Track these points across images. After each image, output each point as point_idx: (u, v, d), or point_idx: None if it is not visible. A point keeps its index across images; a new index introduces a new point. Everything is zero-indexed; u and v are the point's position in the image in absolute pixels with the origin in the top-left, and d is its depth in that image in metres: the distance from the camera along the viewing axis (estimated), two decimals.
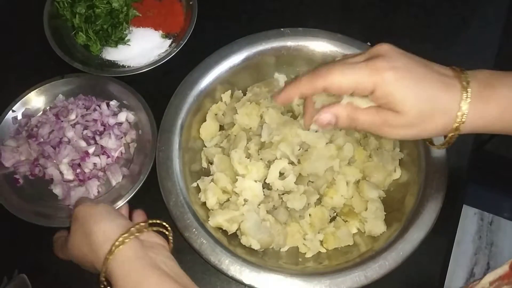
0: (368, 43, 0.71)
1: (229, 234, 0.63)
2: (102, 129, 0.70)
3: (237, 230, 0.63)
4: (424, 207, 0.61)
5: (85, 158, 0.67)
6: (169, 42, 0.80)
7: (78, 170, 0.67)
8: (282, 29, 0.72)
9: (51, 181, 0.68)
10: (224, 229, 0.63)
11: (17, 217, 0.64)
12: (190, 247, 0.59)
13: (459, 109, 0.43)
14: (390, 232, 0.62)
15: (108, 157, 0.69)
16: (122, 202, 0.64)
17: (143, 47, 0.79)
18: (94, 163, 0.68)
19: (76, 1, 0.78)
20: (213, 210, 0.64)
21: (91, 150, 0.68)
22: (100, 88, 0.74)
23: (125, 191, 0.66)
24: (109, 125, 0.71)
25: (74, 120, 0.70)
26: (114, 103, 0.73)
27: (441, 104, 0.43)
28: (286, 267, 0.61)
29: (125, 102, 0.73)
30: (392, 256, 0.58)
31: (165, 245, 0.50)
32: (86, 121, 0.71)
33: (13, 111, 0.71)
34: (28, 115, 0.72)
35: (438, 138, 0.49)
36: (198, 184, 0.65)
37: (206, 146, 0.70)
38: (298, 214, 0.64)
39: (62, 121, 0.70)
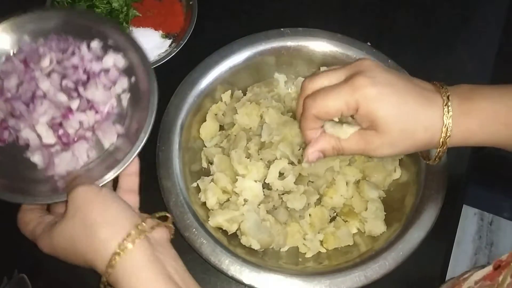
0: (368, 43, 0.71)
1: (229, 234, 0.63)
2: (85, 78, 0.54)
3: (237, 230, 0.63)
4: (424, 207, 0.61)
5: (68, 116, 0.52)
6: (169, 42, 0.79)
7: (61, 131, 0.52)
8: (282, 29, 0.72)
9: (27, 147, 0.52)
10: (224, 229, 0.63)
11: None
12: (190, 247, 0.58)
13: (443, 123, 0.44)
14: (390, 232, 0.62)
15: (96, 112, 0.53)
16: (119, 169, 0.50)
17: (143, 47, 0.79)
18: (80, 121, 0.52)
19: (76, 1, 0.78)
20: (213, 210, 0.64)
21: (75, 105, 0.52)
22: (76, 24, 0.58)
23: (122, 155, 0.51)
24: (93, 72, 0.55)
25: (48, 67, 0.54)
26: (96, 44, 0.57)
27: (422, 120, 0.44)
28: (286, 267, 0.61)
29: (110, 42, 0.57)
30: (392, 256, 0.58)
31: (169, 237, 0.47)
32: (64, 68, 0.55)
33: None
34: None
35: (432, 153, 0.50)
36: (198, 184, 0.65)
37: (206, 146, 0.70)
38: (298, 214, 0.64)
39: (33, 69, 0.54)
